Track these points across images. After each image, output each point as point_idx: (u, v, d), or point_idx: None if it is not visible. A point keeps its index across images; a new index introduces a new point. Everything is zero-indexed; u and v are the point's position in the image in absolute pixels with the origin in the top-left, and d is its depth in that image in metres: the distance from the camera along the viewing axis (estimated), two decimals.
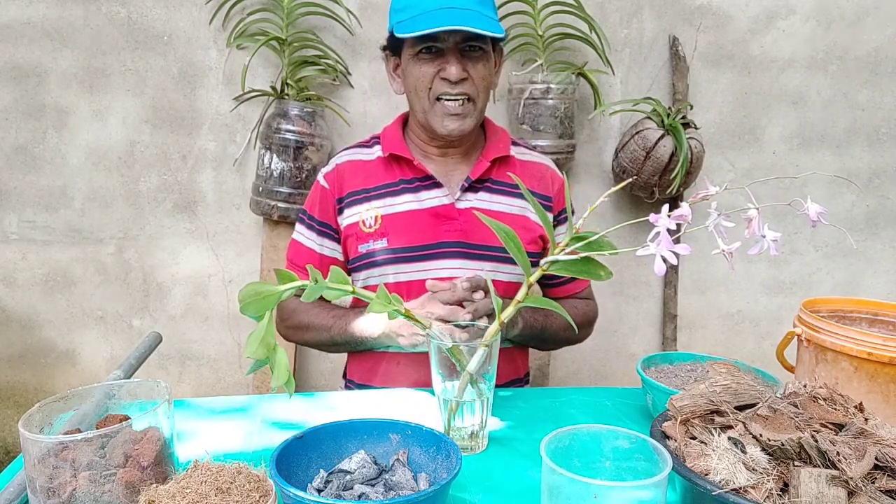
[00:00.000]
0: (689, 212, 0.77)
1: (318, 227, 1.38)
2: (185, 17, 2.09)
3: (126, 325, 2.26)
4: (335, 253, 1.38)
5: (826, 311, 1.14)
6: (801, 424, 0.73)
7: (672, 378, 1.10)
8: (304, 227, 1.39)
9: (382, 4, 2.10)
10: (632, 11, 2.18)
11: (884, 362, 0.94)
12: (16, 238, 2.20)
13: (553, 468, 0.69)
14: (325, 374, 2.31)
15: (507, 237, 0.92)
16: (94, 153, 2.15)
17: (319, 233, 1.38)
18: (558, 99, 2.03)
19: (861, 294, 2.38)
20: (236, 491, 0.68)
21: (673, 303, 2.31)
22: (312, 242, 1.38)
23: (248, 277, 2.23)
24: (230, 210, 2.21)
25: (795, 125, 2.28)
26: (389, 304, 0.89)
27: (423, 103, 1.28)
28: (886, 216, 2.36)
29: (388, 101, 2.15)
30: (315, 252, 1.38)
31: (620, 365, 2.38)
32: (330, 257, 1.38)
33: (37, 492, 0.73)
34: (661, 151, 2.00)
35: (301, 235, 1.39)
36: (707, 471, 0.71)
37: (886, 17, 2.23)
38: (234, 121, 2.15)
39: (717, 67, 2.22)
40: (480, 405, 0.96)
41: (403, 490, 0.80)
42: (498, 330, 0.93)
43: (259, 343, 0.80)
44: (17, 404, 2.29)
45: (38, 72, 2.10)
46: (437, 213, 1.32)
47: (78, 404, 0.84)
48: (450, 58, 1.24)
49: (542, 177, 1.41)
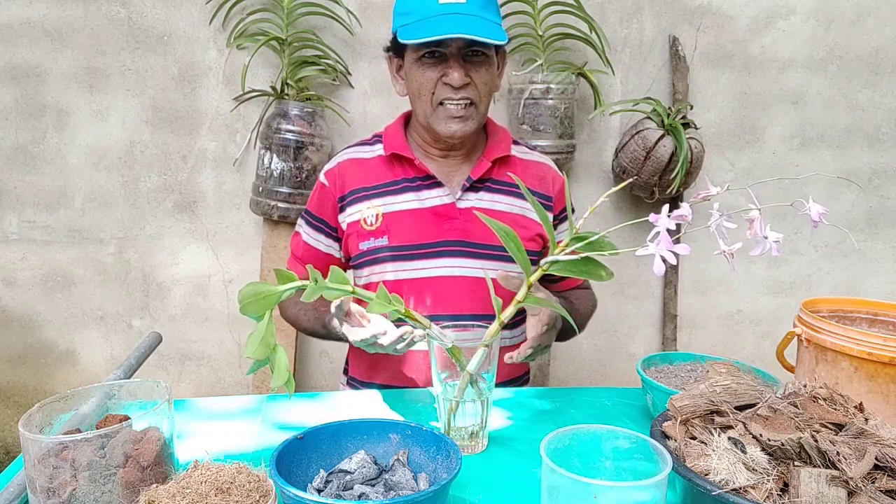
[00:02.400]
0: (689, 212, 0.77)
1: (313, 222, 1.40)
2: (184, 17, 2.09)
3: (126, 325, 2.26)
4: (330, 249, 1.39)
5: (826, 311, 1.14)
6: (801, 424, 0.73)
7: (672, 378, 1.10)
8: (302, 221, 1.43)
9: (382, 4, 2.11)
10: (632, 11, 2.18)
11: (884, 362, 0.94)
12: (16, 238, 2.20)
13: (553, 468, 0.69)
14: (325, 374, 2.31)
15: (507, 237, 0.92)
16: (94, 153, 2.15)
17: (315, 228, 1.40)
18: (558, 99, 2.03)
19: (861, 294, 2.38)
20: (236, 491, 0.68)
21: (673, 303, 2.31)
22: (308, 237, 1.40)
23: (248, 277, 2.23)
24: (230, 210, 2.21)
25: (795, 125, 2.28)
26: (389, 303, 0.89)
27: (426, 107, 1.29)
28: (886, 216, 2.36)
29: (388, 101, 2.15)
30: (311, 246, 1.40)
31: (620, 365, 2.38)
32: (325, 253, 1.39)
33: (37, 492, 0.73)
34: (661, 151, 2.00)
35: (301, 229, 1.43)
36: (707, 471, 0.71)
37: (886, 17, 2.23)
38: (234, 121, 2.15)
39: (717, 67, 2.22)
40: (480, 405, 0.96)
41: (403, 490, 0.80)
42: (498, 330, 0.93)
43: (259, 343, 0.81)
44: (17, 404, 2.29)
45: (38, 72, 2.10)
46: (437, 213, 1.32)
47: (78, 404, 0.84)
48: (453, 63, 1.24)
49: (543, 177, 1.41)
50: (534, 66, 2.05)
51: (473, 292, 1.31)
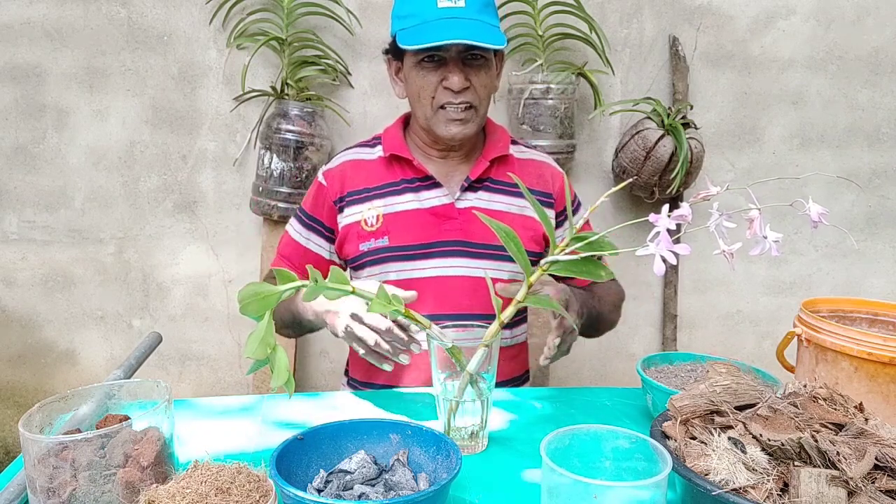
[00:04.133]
0: (689, 212, 0.77)
1: (306, 221, 1.39)
2: (184, 17, 2.09)
3: (126, 325, 2.26)
4: (320, 249, 1.38)
5: (826, 311, 1.14)
6: (801, 424, 0.73)
7: (672, 378, 1.10)
8: (295, 220, 1.42)
9: (382, 4, 2.11)
10: (632, 11, 2.18)
11: (884, 362, 0.94)
12: (16, 238, 2.20)
13: (553, 468, 0.69)
14: (326, 374, 2.31)
15: (507, 237, 0.92)
16: (94, 153, 2.15)
17: (307, 226, 1.39)
18: (558, 99, 2.03)
19: (861, 294, 2.38)
20: (236, 491, 0.68)
21: (673, 303, 2.31)
22: (299, 235, 1.40)
23: (248, 277, 2.23)
24: (230, 210, 2.21)
25: (795, 125, 2.28)
26: (389, 303, 0.89)
27: (426, 111, 1.29)
28: (886, 216, 2.36)
29: (388, 102, 2.15)
30: (300, 245, 1.39)
31: (620, 365, 2.38)
32: (314, 252, 1.38)
33: (37, 492, 0.73)
34: (661, 151, 2.00)
35: (291, 227, 1.42)
36: (707, 471, 0.71)
37: (886, 17, 2.23)
38: (234, 121, 2.15)
39: (717, 67, 2.22)
40: (480, 405, 0.96)
41: (403, 490, 0.80)
42: (498, 330, 0.93)
43: (259, 343, 0.80)
44: (17, 404, 2.29)
45: (38, 72, 2.10)
46: (437, 213, 1.33)
47: (78, 404, 0.84)
48: (452, 67, 1.24)
49: (542, 174, 1.41)
50: (534, 66, 2.05)
51: (473, 292, 1.31)
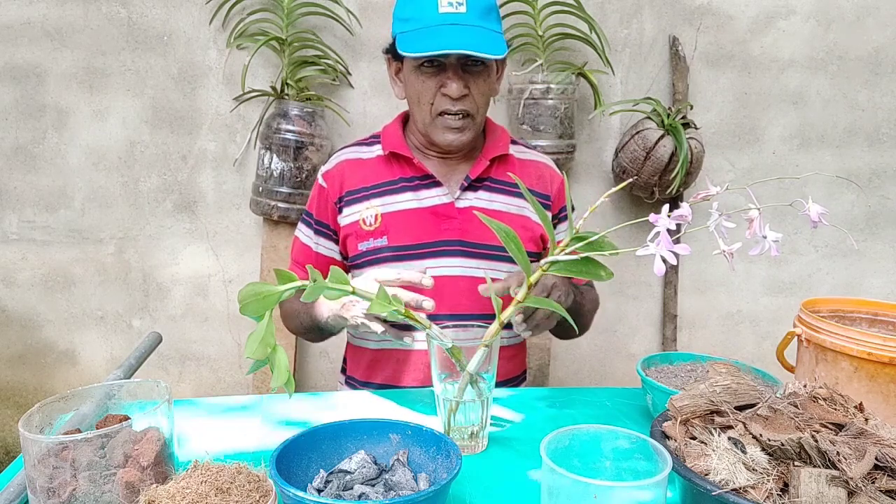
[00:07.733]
0: (689, 212, 0.77)
1: (314, 226, 1.39)
2: (185, 18, 2.09)
3: (126, 325, 2.26)
4: (332, 252, 1.39)
5: (826, 311, 1.14)
6: (801, 424, 0.73)
7: (672, 378, 1.10)
8: (303, 225, 1.42)
9: (382, 4, 2.11)
10: (632, 12, 2.18)
11: (884, 362, 0.94)
12: (16, 238, 2.20)
13: (553, 468, 0.69)
14: (325, 374, 2.31)
15: (506, 237, 0.92)
16: (94, 153, 2.15)
17: (316, 231, 1.39)
18: (558, 99, 2.03)
19: (861, 294, 2.38)
20: (236, 491, 0.68)
21: (673, 303, 2.31)
22: (309, 240, 1.40)
23: (248, 277, 2.23)
24: (230, 210, 2.21)
25: (795, 125, 2.28)
26: (389, 303, 0.89)
27: (425, 116, 1.29)
28: (886, 216, 2.36)
29: (388, 101, 2.15)
30: (311, 250, 1.39)
31: (620, 365, 2.38)
32: (326, 256, 1.39)
33: (37, 492, 0.73)
34: (661, 151, 2.00)
35: (300, 232, 1.42)
36: (707, 471, 0.71)
37: (886, 17, 2.23)
38: (234, 121, 2.15)
39: (717, 67, 2.22)
40: (480, 405, 0.96)
41: (403, 490, 0.80)
42: (498, 330, 0.93)
43: (259, 343, 0.80)
44: (17, 404, 2.29)
45: (38, 72, 2.10)
46: (436, 212, 1.32)
47: (78, 404, 0.84)
48: (451, 74, 1.24)
49: (541, 175, 1.41)
50: (534, 66, 2.05)
51: (473, 292, 1.31)
